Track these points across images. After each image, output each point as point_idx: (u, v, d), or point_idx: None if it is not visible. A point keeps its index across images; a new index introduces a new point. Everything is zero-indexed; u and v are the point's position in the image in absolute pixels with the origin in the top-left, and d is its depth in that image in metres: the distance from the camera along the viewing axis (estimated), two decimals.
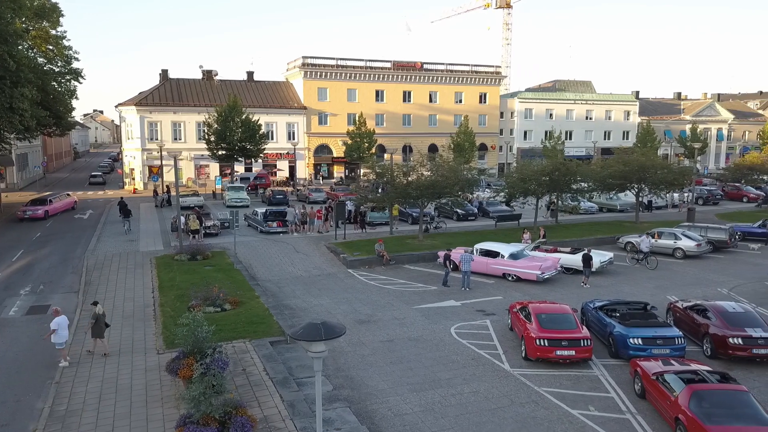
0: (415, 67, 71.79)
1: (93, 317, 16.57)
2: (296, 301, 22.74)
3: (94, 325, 16.47)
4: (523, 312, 17.77)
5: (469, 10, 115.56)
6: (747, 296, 22.91)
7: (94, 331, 16.51)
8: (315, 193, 51.05)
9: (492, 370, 16.02)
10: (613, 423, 13.10)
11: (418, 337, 18.59)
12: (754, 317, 16.98)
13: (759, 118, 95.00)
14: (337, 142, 67.52)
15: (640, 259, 28.11)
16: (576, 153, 74.64)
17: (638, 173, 38.11)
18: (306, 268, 27.94)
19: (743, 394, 12.14)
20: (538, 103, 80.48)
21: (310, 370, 15.31)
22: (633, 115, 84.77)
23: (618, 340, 16.60)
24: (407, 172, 33.34)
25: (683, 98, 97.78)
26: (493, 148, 77.25)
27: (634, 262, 28.22)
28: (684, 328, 17.89)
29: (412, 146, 70.75)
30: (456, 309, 21.63)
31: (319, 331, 7.93)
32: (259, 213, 37.09)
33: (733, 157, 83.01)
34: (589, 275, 25.25)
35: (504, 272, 25.74)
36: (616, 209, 45.62)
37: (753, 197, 51.82)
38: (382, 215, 37.96)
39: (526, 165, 40.11)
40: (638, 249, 28.66)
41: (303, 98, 67.02)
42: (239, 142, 53.70)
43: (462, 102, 74.72)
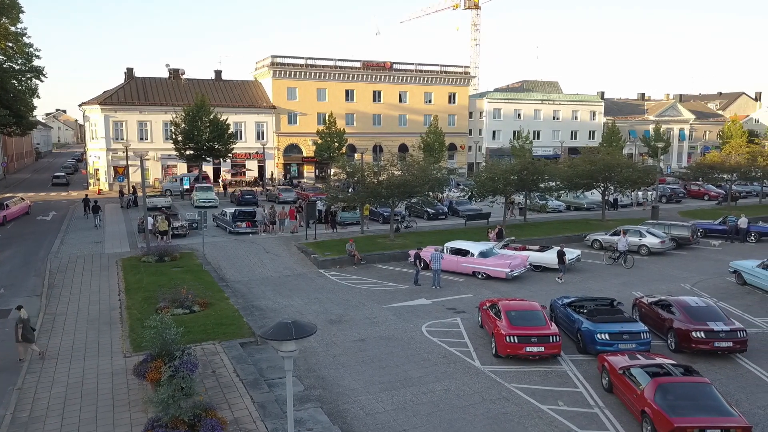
0: (385, 67, 71.89)
1: (19, 322, 16.03)
2: (266, 302, 22.55)
3: (23, 329, 15.93)
4: (493, 309, 17.93)
5: (438, 11, 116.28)
6: (709, 291, 23.52)
7: (23, 335, 15.96)
8: (285, 192, 50.73)
9: (463, 368, 16.13)
10: (582, 417, 13.31)
11: (389, 336, 18.61)
12: (716, 311, 17.44)
13: (719, 119, 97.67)
14: (307, 142, 67.20)
15: (617, 258, 28.37)
16: (544, 152, 75.66)
17: (604, 172, 38.83)
18: (276, 269, 27.73)
19: (706, 386, 12.46)
20: (507, 104, 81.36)
21: (281, 370, 15.19)
22: (599, 116, 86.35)
23: (586, 335, 16.87)
24: (378, 172, 33.35)
25: (647, 99, 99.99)
26: (462, 148, 77.81)
27: (611, 261, 28.40)
28: (649, 323, 18.28)
29: (383, 146, 70.85)
30: (427, 307, 21.71)
31: (290, 330, 7.87)
32: (227, 213, 36.67)
33: (694, 157, 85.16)
34: (564, 271, 25.80)
35: (474, 270, 25.94)
36: (583, 208, 46.39)
37: (714, 195, 53.28)
38: (352, 215, 37.90)
39: (494, 164, 40.50)
40: (615, 248, 28.84)
41: (272, 98, 66.52)
42: (207, 141, 53.04)
43: (431, 102, 75.10)
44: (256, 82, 70.04)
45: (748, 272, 24.20)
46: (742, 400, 14.11)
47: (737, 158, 52.64)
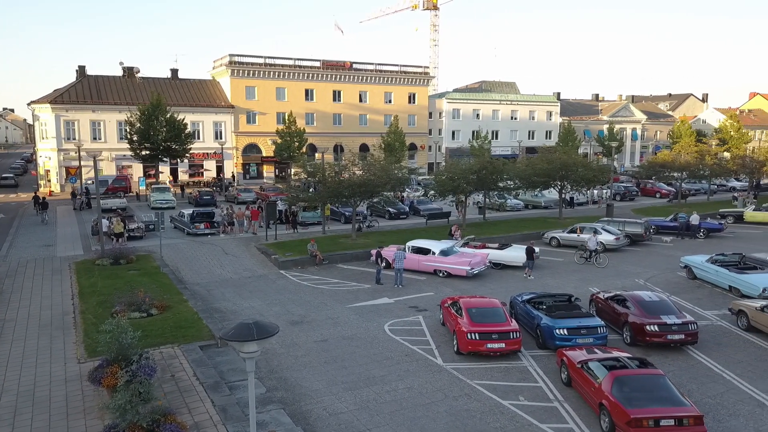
0: (345, 67, 71.72)
1: None
2: (226, 303, 22.22)
3: None
4: (454, 307, 18.10)
5: (397, 11, 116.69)
6: (661, 285, 24.27)
7: None
8: (244, 193, 50.09)
9: (425, 366, 16.22)
10: (542, 411, 13.56)
11: (352, 336, 18.58)
12: (668, 305, 18.01)
13: (669, 119, 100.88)
14: (267, 142, 66.52)
15: (588, 258, 28.66)
16: (502, 152, 76.71)
17: (561, 171, 39.64)
18: (236, 270, 27.35)
19: (660, 377, 12.84)
20: (466, 104, 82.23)
21: (243, 373, 15.02)
22: (555, 116, 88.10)
23: (545, 331, 17.18)
24: (339, 172, 33.27)
25: (601, 99, 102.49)
26: (422, 148, 78.27)
27: (582, 260, 28.65)
28: (605, 317, 18.75)
29: (344, 145, 70.69)
30: (389, 306, 21.76)
31: (251, 330, 7.78)
32: (185, 214, 35.99)
33: (646, 156, 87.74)
34: (532, 267, 26.30)
35: (435, 269, 26.13)
36: (540, 206, 47.25)
37: (665, 193, 55.06)
38: (314, 215, 37.70)
39: (454, 164, 40.87)
40: (586, 247, 29.08)
41: (230, 97, 65.59)
42: (164, 141, 51.88)
43: (392, 102, 75.30)
44: (214, 81, 68.94)
45: (697, 267, 25.05)
46: (693, 390, 14.60)
47: (686, 157, 54.42)
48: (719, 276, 23.69)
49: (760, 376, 15.44)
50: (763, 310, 18.26)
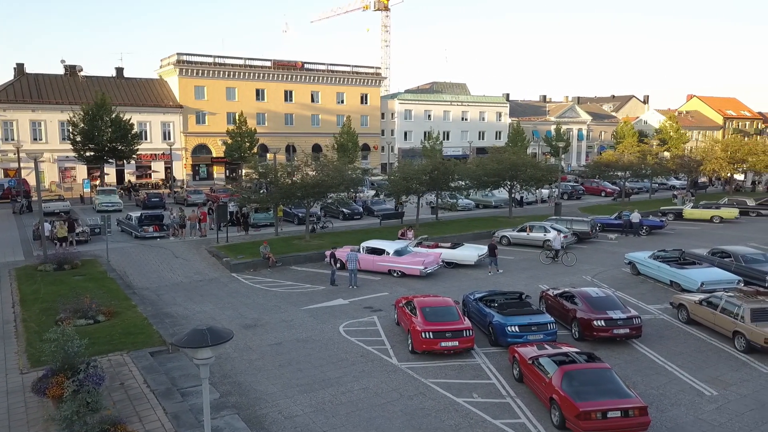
0: (296, 67, 71.28)
1: None
2: (177, 308, 21.76)
3: None
4: (408, 306, 18.25)
5: (348, 11, 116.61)
6: (607, 282, 25.08)
7: None
8: (194, 194, 49.11)
9: (381, 366, 16.31)
10: (495, 407, 13.84)
11: (306, 338, 18.50)
12: (614, 301, 18.64)
13: (612, 120, 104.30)
14: (217, 142, 65.44)
15: (554, 257, 29.05)
16: (453, 152, 77.72)
17: (510, 171, 40.44)
18: (186, 274, 26.82)
19: (607, 371, 13.30)
20: (417, 104, 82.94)
21: (195, 379, 14.78)
22: (504, 116, 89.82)
23: (497, 328, 17.52)
24: (291, 172, 33.01)
25: (548, 101, 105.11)
26: (375, 148, 78.52)
27: (549, 260, 28.98)
28: (555, 314, 19.25)
29: (296, 146, 70.19)
30: (344, 307, 21.76)
31: (205, 336, 7.67)
32: (133, 217, 35.04)
33: (592, 155, 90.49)
34: (495, 264, 26.89)
35: (390, 269, 26.28)
36: (491, 205, 48.09)
37: (610, 192, 56.90)
38: (266, 216, 37.30)
39: (407, 165, 41.19)
40: (551, 247, 29.50)
41: (179, 97, 64.24)
42: (109, 142, 50.39)
43: (344, 102, 75.26)
44: (162, 80, 67.36)
45: (641, 263, 26.01)
46: (638, 382, 15.18)
47: (629, 157, 56.42)
48: (661, 271, 24.66)
49: (700, 367, 16.18)
50: (701, 304, 19.13)
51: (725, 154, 56.24)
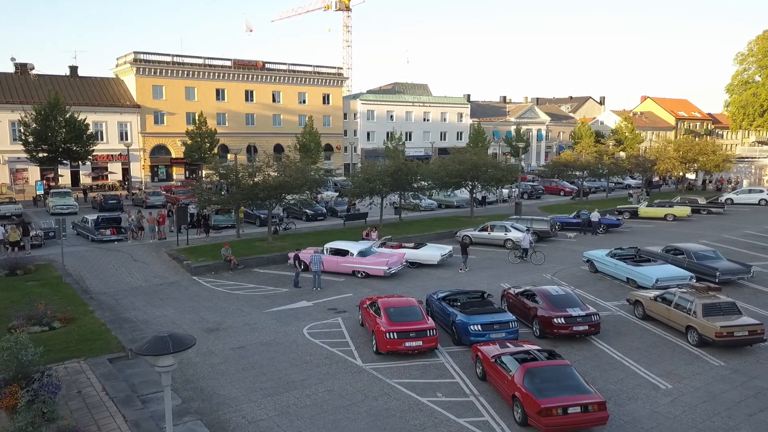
0: (257, 66, 70.57)
1: None
2: (136, 313, 21.30)
3: None
4: (372, 307, 18.29)
5: (309, 11, 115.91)
6: (567, 279, 25.62)
7: None
8: (153, 196, 48.10)
9: (345, 367, 16.31)
10: (459, 406, 13.99)
11: (270, 341, 18.35)
12: (573, 298, 19.07)
13: (570, 120, 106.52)
14: (176, 143, 64.27)
15: (522, 256, 29.35)
16: (416, 153, 78.14)
17: (472, 171, 40.91)
18: (146, 278, 26.28)
19: (567, 368, 13.60)
20: (379, 105, 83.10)
21: (156, 385, 14.50)
22: (465, 117, 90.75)
23: (460, 327, 17.72)
24: (253, 173, 32.67)
25: (508, 102, 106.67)
26: (338, 149, 78.33)
27: (518, 260, 29.27)
28: (516, 312, 19.57)
29: (257, 146, 69.41)
30: (308, 309, 21.67)
31: (166, 343, 7.54)
32: (89, 220, 34.10)
33: (551, 155, 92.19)
34: (466, 261, 27.42)
35: (354, 269, 26.27)
36: (453, 205, 48.54)
37: (568, 191, 58.10)
38: (227, 218, 36.81)
39: (370, 165, 41.25)
40: (520, 246, 29.79)
41: (136, 96, 62.83)
42: (63, 143, 48.90)
43: (306, 102, 74.85)
44: (118, 79, 65.75)
45: (598, 261, 26.66)
46: (597, 377, 15.57)
47: (587, 157, 57.73)
48: (617, 269, 25.32)
49: (655, 362, 16.69)
50: (656, 300, 19.73)
51: (677, 154, 58.06)
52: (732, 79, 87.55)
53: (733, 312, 17.82)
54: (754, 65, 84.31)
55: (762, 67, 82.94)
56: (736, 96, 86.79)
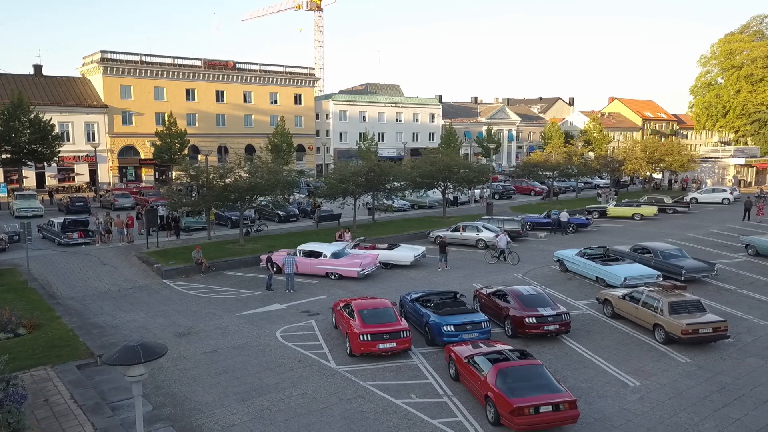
0: (228, 67, 69.91)
1: None
2: (105, 318, 20.92)
3: None
4: (346, 309, 18.29)
5: (281, 11, 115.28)
6: (538, 279, 25.97)
7: None
8: (121, 198, 47.26)
9: (319, 370, 16.27)
10: (433, 407, 14.08)
11: (243, 345, 18.21)
12: (544, 298, 19.35)
13: (540, 121, 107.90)
14: (145, 143, 63.28)
15: (499, 256, 29.51)
16: (388, 154, 78.31)
17: (444, 172, 41.18)
18: (115, 282, 25.82)
19: (538, 367, 13.79)
20: (352, 105, 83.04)
21: (126, 391, 14.27)
22: (437, 118, 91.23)
23: (433, 328, 17.82)
24: (224, 174, 32.34)
25: (479, 102, 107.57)
26: (310, 149, 78.02)
27: (494, 260, 29.44)
28: (489, 312, 19.77)
29: (228, 147, 68.77)
30: (281, 312, 21.55)
31: (137, 353, 7.42)
32: (55, 223, 33.35)
33: (521, 156, 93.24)
34: (444, 260, 27.75)
35: (327, 271, 26.21)
36: (426, 206, 48.76)
37: (539, 191, 58.85)
38: (198, 220, 36.38)
39: (343, 166, 41.21)
40: (496, 246, 29.91)
41: (103, 96, 61.67)
42: (28, 144, 47.76)
43: (277, 103, 74.40)
44: (84, 78, 64.46)
45: (568, 260, 27.07)
46: (568, 376, 15.83)
47: (557, 157, 58.55)
48: (587, 268, 25.75)
49: (624, 359, 17.03)
50: (624, 299, 20.13)
51: (644, 155, 59.24)
52: (696, 81, 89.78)
53: (698, 310, 18.28)
54: (717, 67, 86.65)
55: (724, 70, 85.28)
56: (699, 97, 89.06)
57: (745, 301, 22.68)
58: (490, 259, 29.66)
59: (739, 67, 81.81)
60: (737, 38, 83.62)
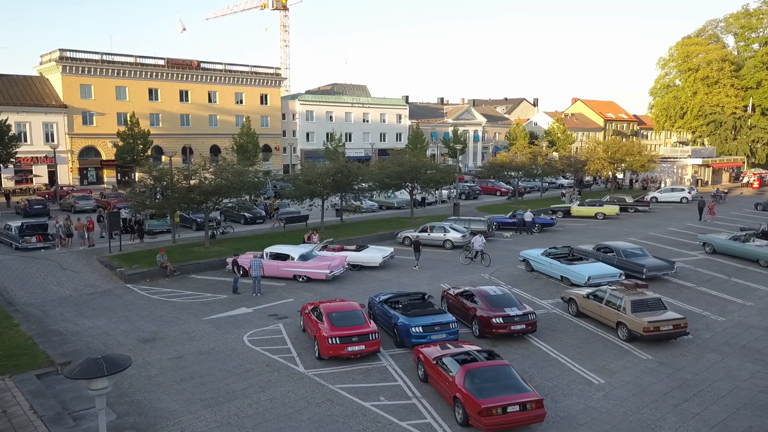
0: (192, 66, 68.87)
1: None
2: (67, 324, 20.38)
3: None
4: (314, 312, 18.21)
5: (245, 10, 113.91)
6: (504, 279, 26.28)
7: None
8: (82, 201, 46.05)
9: (287, 374, 16.16)
10: (402, 409, 14.13)
11: (209, 350, 17.96)
12: (510, 298, 19.60)
13: (506, 122, 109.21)
14: (107, 144, 61.90)
15: (474, 257, 29.58)
16: (356, 154, 78.23)
17: (411, 173, 41.32)
18: (76, 287, 25.18)
19: (506, 367, 13.96)
20: (319, 106, 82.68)
21: (89, 400, 13.93)
22: (404, 118, 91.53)
23: (402, 330, 17.87)
24: (189, 176, 31.81)
25: (445, 103, 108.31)
26: (277, 149, 77.41)
27: (468, 261, 29.49)
28: (456, 313, 19.93)
29: (193, 148, 67.71)
30: (248, 316, 21.32)
31: (100, 366, 7.22)
32: (13, 227, 32.30)
33: (487, 156, 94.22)
34: (419, 258, 28.30)
35: (295, 274, 26.03)
36: (394, 206, 48.84)
37: (504, 191, 59.53)
38: (162, 223, 35.72)
39: (311, 167, 41.01)
40: (471, 247, 29.91)
41: (62, 96, 60.09)
42: None
43: (243, 103, 73.62)
44: (42, 77, 62.66)
45: (534, 260, 27.47)
46: (534, 375, 16.06)
47: (522, 158, 59.30)
48: (552, 267, 26.18)
49: (588, 357, 17.37)
50: (588, 297, 20.52)
51: (606, 155, 60.47)
52: (655, 83, 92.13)
53: (659, 307, 18.77)
54: (675, 70, 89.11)
55: (682, 72, 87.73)
56: (659, 99, 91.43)
57: (703, 298, 23.38)
58: (464, 259, 29.82)
59: (695, 69, 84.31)
60: (694, 41, 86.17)
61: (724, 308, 22.05)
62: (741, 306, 22.38)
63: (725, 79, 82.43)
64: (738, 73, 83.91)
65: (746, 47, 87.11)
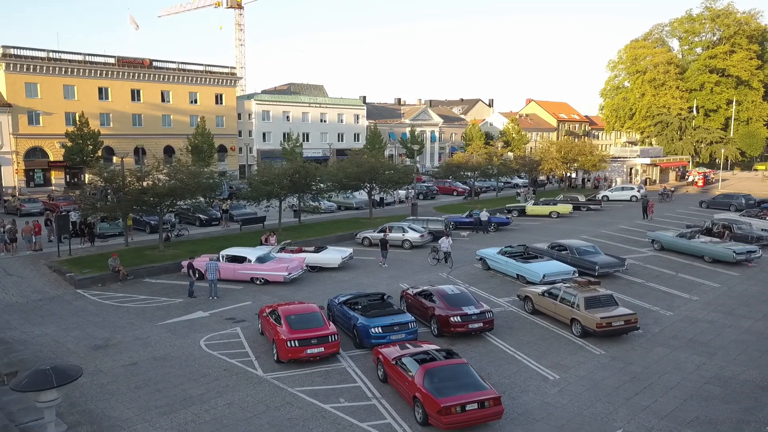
0: (143, 65, 67.22)
1: None
2: (13, 332, 19.61)
3: None
4: (273, 315, 18.03)
5: (199, 7, 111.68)
6: (462, 278, 26.58)
7: None
8: (28, 203, 44.40)
9: (245, 379, 15.96)
10: (362, 410, 14.14)
11: (164, 356, 17.58)
12: (468, 297, 19.84)
13: (462, 122, 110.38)
14: (55, 145, 59.81)
15: (440, 259, 29.55)
16: (314, 154, 77.77)
17: (370, 174, 41.36)
18: (23, 293, 24.26)
19: (464, 366, 14.13)
20: (275, 105, 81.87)
21: (38, 411, 13.40)
22: (362, 119, 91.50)
23: (361, 331, 17.89)
24: (142, 177, 31.02)
25: (403, 104, 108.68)
26: (233, 150, 76.29)
27: (435, 262, 29.48)
28: (415, 312, 20.07)
29: (146, 148, 66.03)
30: (204, 320, 20.96)
31: (49, 377, 6.96)
32: None
33: (444, 157, 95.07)
34: (386, 256, 28.96)
35: (252, 276, 25.71)
36: (352, 207, 48.81)
37: (461, 191, 60.21)
38: (114, 226, 34.74)
39: (267, 167, 40.57)
40: (438, 249, 29.84)
41: (6, 94, 57.75)
42: None
43: (197, 102, 72.29)
44: None
45: (490, 259, 27.88)
46: (492, 372, 16.31)
47: (478, 158, 60.13)
48: (508, 266, 26.63)
49: (544, 354, 17.74)
50: (543, 295, 20.96)
51: (559, 155, 61.89)
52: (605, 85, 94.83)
53: (611, 304, 19.32)
54: (624, 72, 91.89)
55: (630, 74, 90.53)
56: (609, 100, 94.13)
57: (652, 293, 24.17)
58: (432, 261, 29.81)
59: (643, 71, 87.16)
60: (641, 45, 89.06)
61: (672, 303, 22.85)
62: (687, 300, 23.23)
63: (671, 81, 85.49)
64: (683, 76, 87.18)
65: (690, 51, 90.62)
